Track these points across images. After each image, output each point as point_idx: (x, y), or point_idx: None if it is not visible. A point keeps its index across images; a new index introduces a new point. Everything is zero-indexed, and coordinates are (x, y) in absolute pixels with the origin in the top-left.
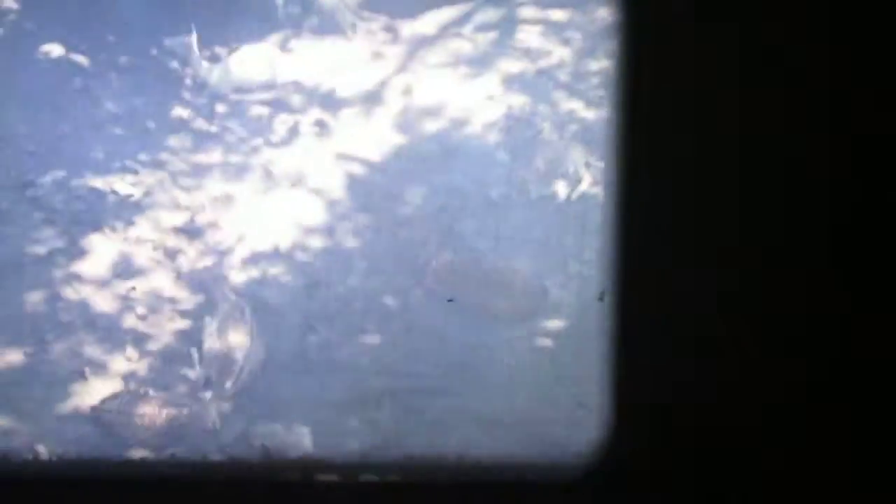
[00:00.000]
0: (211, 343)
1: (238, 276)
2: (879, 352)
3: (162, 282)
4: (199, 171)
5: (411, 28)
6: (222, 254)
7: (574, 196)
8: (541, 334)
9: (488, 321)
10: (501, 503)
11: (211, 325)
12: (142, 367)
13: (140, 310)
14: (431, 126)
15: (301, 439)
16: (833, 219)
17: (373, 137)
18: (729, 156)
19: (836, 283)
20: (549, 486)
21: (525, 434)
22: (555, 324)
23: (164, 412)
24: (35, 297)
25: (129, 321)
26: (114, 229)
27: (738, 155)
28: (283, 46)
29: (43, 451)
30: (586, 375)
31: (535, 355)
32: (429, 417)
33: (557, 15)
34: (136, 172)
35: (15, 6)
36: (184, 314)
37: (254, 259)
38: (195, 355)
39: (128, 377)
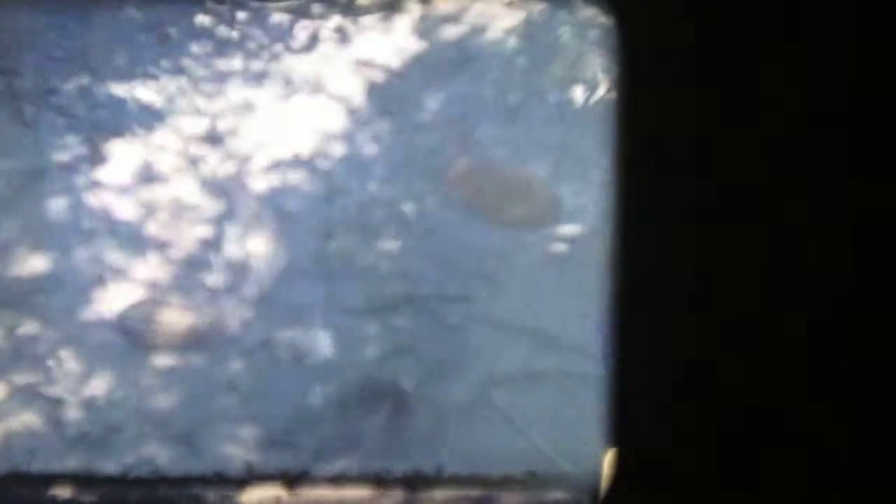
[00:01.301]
0: (231, 250)
1: (258, 184)
2: (879, 352)
3: (183, 189)
4: (220, 77)
5: None
6: (243, 161)
7: (592, 102)
8: (558, 240)
9: (505, 227)
10: None
11: (231, 232)
12: (163, 273)
13: (162, 216)
14: (450, 32)
15: (320, 345)
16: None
17: (392, 44)
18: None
19: (835, 282)
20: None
21: (537, 340)
22: (572, 229)
23: (186, 318)
24: (58, 204)
25: (151, 228)
26: (135, 136)
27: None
28: None
29: (66, 355)
30: (601, 283)
31: (551, 261)
32: (447, 322)
33: None
34: (157, 79)
35: None
36: (205, 221)
37: (274, 166)
38: (216, 262)
39: (150, 284)
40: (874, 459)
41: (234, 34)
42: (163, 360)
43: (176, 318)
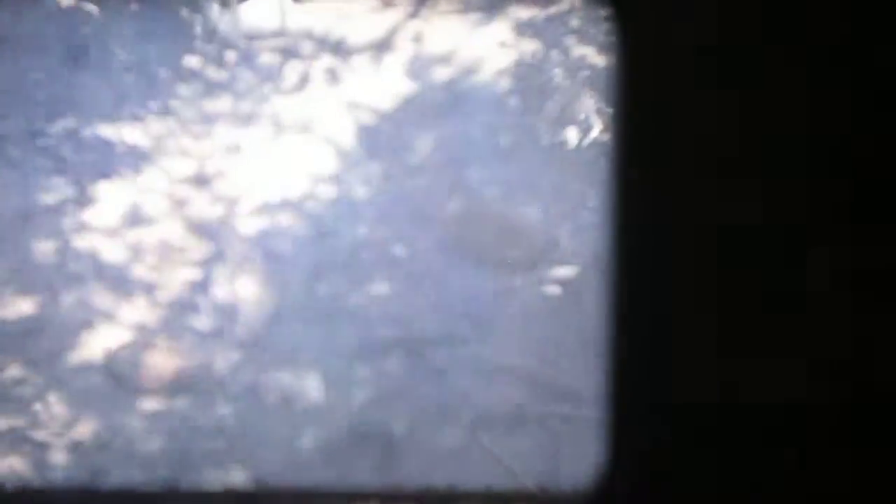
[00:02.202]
0: (220, 293)
1: (247, 226)
2: (881, 351)
3: (171, 231)
4: (209, 119)
5: None
6: (231, 203)
7: (585, 143)
8: (550, 283)
9: (497, 270)
10: None
11: (219, 275)
12: (151, 316)
13: (149, 259)
14: (441, 73)
15: (309, 388)
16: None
17: (383, 85)
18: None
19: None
20: None
21: (532, 384)
22: (565, 272)
23: (174, 361)
24: (45, 247)
25: (138, 271)
26: (123, 178)
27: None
28: None
29: (53, 399)
30: (594, 325)
31: (543, 303)
32: (437, 366)
33: None
34: (144, 121)
35: None
36: (193, 263)
37: (263, 208)
38: (204, 305)
39: (137, 327)
40: (874, 459)
41: (223, 75)
42: (150, 404)
43: (163, 361)
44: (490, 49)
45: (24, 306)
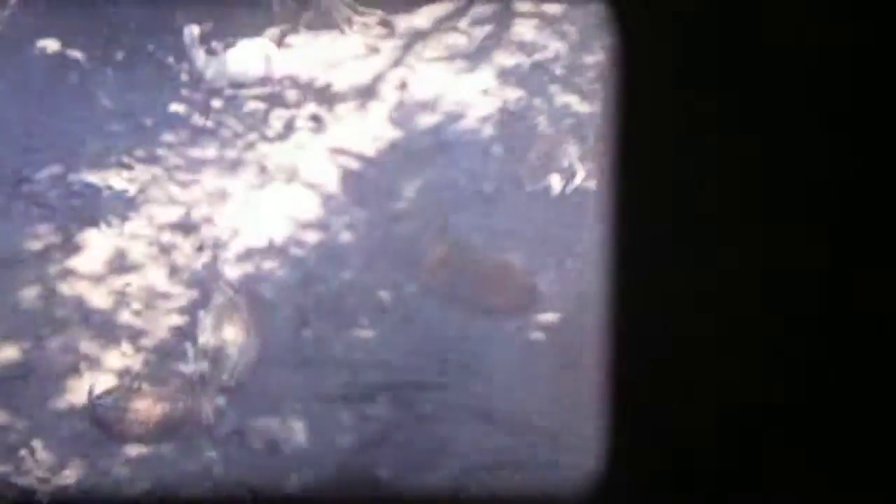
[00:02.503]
0: (205, 338)
1: (233, 271)
2: (880, 351)
3: (157, 277)
4: (195, 166)
5: (407, 22)
6: (217, 249)
7: (568, 190)
8: (535, 328)
9: (482, 315)
10: None
11: (206, 321)
12: (137, 362)
13: (135, 305)
14: (426, 120)
15: (295, 434)
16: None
17: (368, 132)
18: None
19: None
20: None
21: (517, 429)
22: (549, 317)
23: (159, 407)
24: (31, 293)
25: (124, 316)
26: (109, 225)
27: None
28: (280, 41)
29: (38, 445)
30: (579, 369)
31: (528, 349)
32: (423, 411)
33: (552, 8)
34: (131, 168)
35: (12, 1)
36: (179, 309)
37: (249, 254)
38: (190, 350)
39: (123, 373)
40: (874, 459)
41: (209, 122)
42: (135, 450)
43: (149, 407)
44: (474, 96)
45: (9, 352)
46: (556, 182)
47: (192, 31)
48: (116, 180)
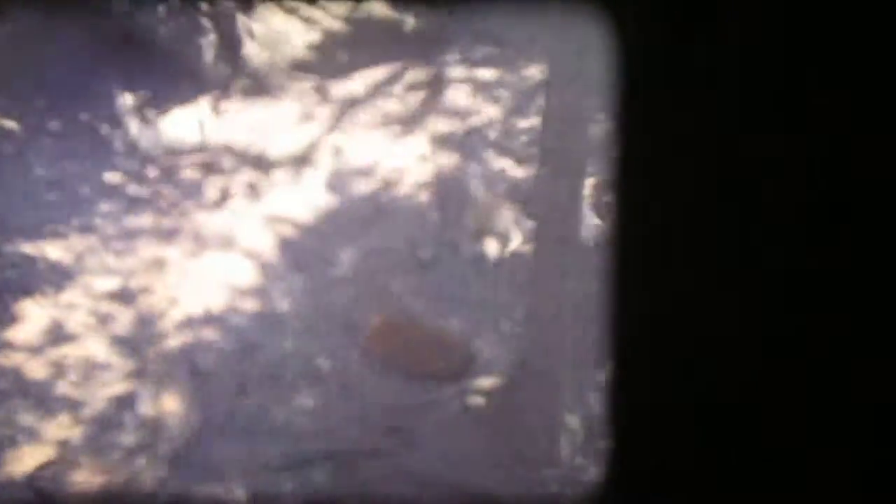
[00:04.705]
0: (145, 408)
1: (171, 341)
2: (880, 351)
3: (94, 347)
4: (131, 235)
5: (341, 88)
6: (154, 318)
7: (505, 254)
8: (474, 393)
9: (422, 381)
10: None
11: (144, 391)
12: (75, 433)
13: (73, 376)
14: (362, 186)
15: (238, 502)
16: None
17: (304, 198)
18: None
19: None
20: None
21: (454, 493)
22: (488, 382)
23: (99, 478)
24: None
25: (62, 387)
26: (45, 295)
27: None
28: (214, 108)
29: None
30: (518, 433)
31: (468, 414)
32: (364, 477)
33: (486, 74)
34: (66, 237)
35: None
36: (116, 380)
37: (186, 323)
38: (129, 421)
39: (62, 444)
40: (874, 459)
41: (144, 191)
42: None
43: (88, 478)
44: (410, 162)
45: None
46: (492, 247)
47: (126, 99)
48: (51, 250)
